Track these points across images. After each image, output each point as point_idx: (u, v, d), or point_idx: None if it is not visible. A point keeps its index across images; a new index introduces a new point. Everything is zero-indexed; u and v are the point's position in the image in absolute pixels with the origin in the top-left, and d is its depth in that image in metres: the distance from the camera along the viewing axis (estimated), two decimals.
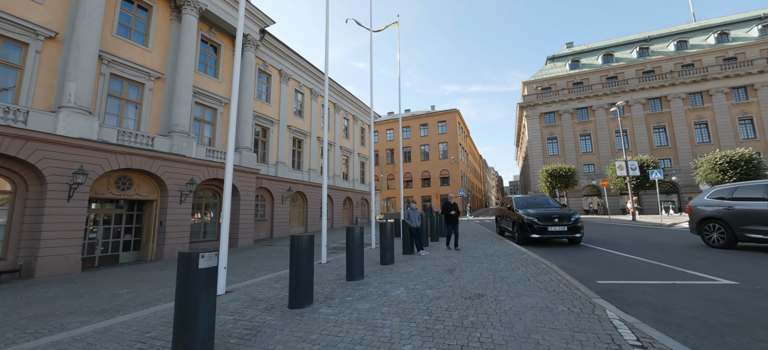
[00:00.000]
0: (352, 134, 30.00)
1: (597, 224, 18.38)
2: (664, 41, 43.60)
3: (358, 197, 29.87)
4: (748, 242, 6.99)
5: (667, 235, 11.33)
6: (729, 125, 35.92)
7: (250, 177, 16.20)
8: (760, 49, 36.54)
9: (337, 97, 27.41)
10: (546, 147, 43.15)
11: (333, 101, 26.87)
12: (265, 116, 19.28)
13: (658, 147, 38.28)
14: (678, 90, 37.89)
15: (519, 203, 10.16)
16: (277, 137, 20.32)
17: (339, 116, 27.67)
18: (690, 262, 5.83)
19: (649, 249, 7.67)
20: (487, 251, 7.89)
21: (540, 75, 46.75)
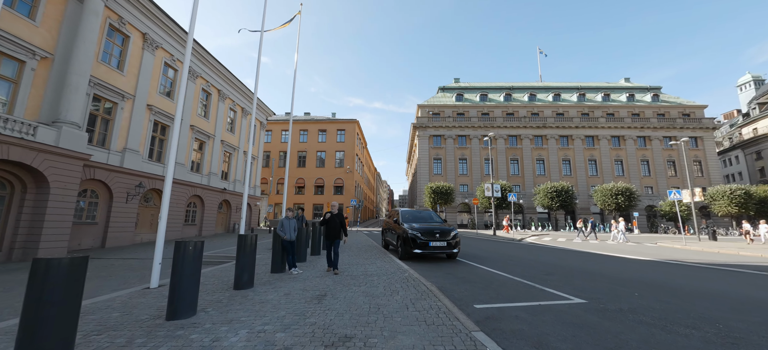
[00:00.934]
0: (239, 129, 26.17)
1: (468, 238, 20.55)
2: (522, 92, 54.46)
3: (239, 201, 26.03)
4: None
5: (519, 249, 13.13)
6: (557, 163, 46.89)
7: (73, 164, 11.68)
8: (578, 110, 49.42)
9: (222, 82, 23.49)
10: (432, 166, 47.55)
11: (218, 86, 22.87)
12: (112, 86, 14.54)
13: (513, 175, 46.91)
14: (527, 131, 47.55)
15: (405, 217, 9.96)
16: (130, 117, 15.64)
17: (223, 105, 23.71)
18: (544, 278, 6.31)
19: (511, 264, 8.34)
20: (368, 269, 7.13)
21: (432, 101, 51.71)
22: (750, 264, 9.35)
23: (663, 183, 46.31)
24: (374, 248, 11.85)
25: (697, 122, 47.60)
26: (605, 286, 5.66)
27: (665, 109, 48.88)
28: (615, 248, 15.16)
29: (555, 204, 37.87)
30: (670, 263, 9.61)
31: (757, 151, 50.61)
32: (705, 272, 7.81)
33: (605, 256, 11.37)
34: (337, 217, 6.82)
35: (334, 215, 6.85)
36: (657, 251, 13.35)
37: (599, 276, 6.73)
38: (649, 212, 45.27)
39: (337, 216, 6.83)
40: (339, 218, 6.82)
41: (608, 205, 39.43)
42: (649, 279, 6.57)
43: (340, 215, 6.87)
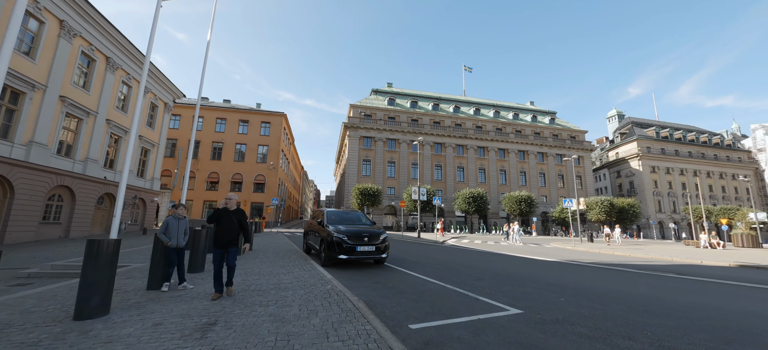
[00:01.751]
0: (133, 108, 21.46)
1: (394, 240, 20.45)
2: (448, 104, 58.15)
3: (131, 195, 21.34)
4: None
5: (444, 252, 13.29)
6: (474, 171, 51.14)
7: None
8: (494, 125, 54.85)
9: (114, 48, 18.95)
10: (361, 167, 47.15)
11: (106, 52, 18.31)
12: None
13: (436, 180, 49.51)
14: (451, 140, 50.85)
15: (330, 218, 8.95)
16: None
17: (113, 77, 19.14)
18: (475, 285, 6.04)
19: (440, 269, 8.06)
20: (282, 279, 5.92)
21: (365, 102, 51.45)
22: (625, 263, 10.94)
23: (554, 193, 54.34)
24: (294, 252, 10.50)
25: (580, 144, 57.30)
26: (532, 291, 5.60)
27: (558, 131, 57.65)
28: (523, 249, 16.62)
29: (471, 209, 41.05)
30: (571, 263, 10.64)
31: (617, 170, 63.39)
32: (600, 272, 8.69)
33: (518, 258, 12.15)
34: (234, 214, 4.95)
35: (229, 212, 4.93)
36: (556, 252, 15.01)
37: (523, 280, 6.78)
38: (543, 217, 52.57)
39: (236, 214, 4.98)
40: (238, 216, 4.97)
41: (514, 211, 44.40)
42: (565, 281, 6.86)
43: (239, 213, 5.03)
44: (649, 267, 10.11)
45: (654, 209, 57.73)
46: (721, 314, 4.44)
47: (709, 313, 4.45)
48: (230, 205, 5.08)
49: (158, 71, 23.15)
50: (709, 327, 3.75)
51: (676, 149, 61.58)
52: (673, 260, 13.00)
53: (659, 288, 6.39)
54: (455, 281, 6.44)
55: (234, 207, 5.09)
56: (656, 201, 58.44)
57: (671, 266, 10.82)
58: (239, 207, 5.14)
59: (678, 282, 7.41)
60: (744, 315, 4.41)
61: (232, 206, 5.09)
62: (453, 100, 59.58)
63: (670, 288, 6.54)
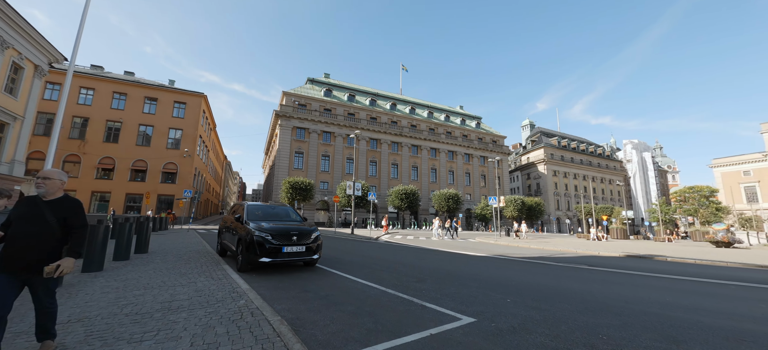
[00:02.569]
0: None
1: (327, 237, 19.30)
2: (385, 101, 58.49)
3: None
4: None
5: (379, 249, 12.75)
6: (408, 168, 52.44)
7: None
8: (427, 125, 57.00)
9: None
10: (293, 160, 44.36)
11: None
12: None
13: (371, 176, 49.38)
14: (387, 137, 51.23)
15: (252, 213, 7.54)
16: None
17: None
18: (418, 288, 5.48)
19: (378, 269, 7.37)
20: (177, 295, 4.48)
21: (300, 91, 48.47)
22: (543, 256, 11.86)
23: (477, 191, 59.05)
24: (204, 255, 8.71)
25: (500, 148, 63.30)
26: (477, 292, 5.25)
27: (483, 135, 62.80)
28: (453, 244, 17.14)
29: (404, 205, 41.91)
30: (499, 258, 11.05)
31: (528, 173, 71.97)
32: (527, 266, 9.06)
33: (452, 254, 12.25)
34: (51, 209, 2.64)
35: (39, 204, 2.62)
36: (483, 247, 15.77)
37: (465, 279, 6.49)
38: (467, 213, 56.72)
39: (55, 207, 2.66)
40: (58, 210, 2.66)
41: (442, 207, 46.78)
42: (502, 278, 6.78)
43: (63, 206, 2.70)
44: (564, 259, 11.05)
45: (554, 207, 66.95)
46: (651, 308, 4.59)
47: (642, 307, 4.57)
48: (43, 189, 2.67)
49: (25, 22, 17.77)
50: (652, 325, 3.73)
51: (572, 156, 72.39)
52: (578, 252, 14.70)
53: (584, 281, 6.71)
54: (396, 284, 5.79)
55: (53, 193, 2.72)
56: (556, 200, 67.84)
57: (580, 258, 12.03)
58: (68, 196, 2.80)
59: (594, 273, 8.01)
60: (671, 308, 4.63)
61: (52, 191, 2.71)
62: (390, 97, 60.20)
63: (594, 280, 6.93)
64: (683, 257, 13.10)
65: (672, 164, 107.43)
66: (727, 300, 5.30)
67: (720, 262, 11.70)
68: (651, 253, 14.39)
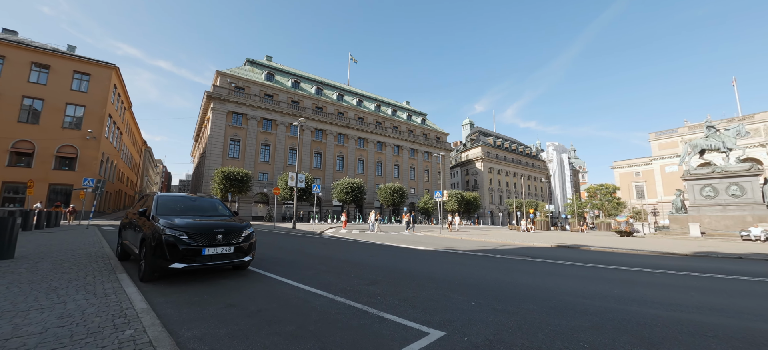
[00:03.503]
0: None
1: (265, 232, 17.57)
2: (332, 90, 56.44)
3: None
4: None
5: (324, 245, 11.76)
6: (353, 161, 51.50)
7: None
8: (375, 118, 56.51)
9: None
10: (228, 147, 40.30)
11: None
12: None
13: (315, 168, 47.37)
14: (333, 128, 49.56)
15: (164, 207, 6.03)
16: None
17: None
18: (372, 292, 4.75)
19: (324, 270, 6.46)
20: (19, 325, 3.04)
21: (238, 73, 44.07)
22: (487, 249, 12.12)
23: (421, 186, 60.72)
24: (97, 259, 6.83)
25: (443, 144, 65.86)
26: (437, 295, 4.71)
27: (428, 131, 64.61)
28: (400, 239, 16.87)
29: (349, 198, 41.01)
30: (448, 252, 10.93)
31: (467, 169, 76.36)
32: (478, 260, 8.98)
33: (402, 249, 11.83)
34: None
35: None
36: (430, 241, 15.76)
37: (421, 279, 5.95)
38: (410, 207, 57.98)
39: None
40: None
41: (387, 201, 46.97)
42: (459, 276, 6.42)
43: None
44: (508, 251, 11.37)
45: (488, 202, 72.12)
46: (609, 303, 4.58)
47: (602, 303, 4.49)
48: None
49: None
50: (621, 325, 3.58)
51: (505, 155, 78.63)
52: (516, 243, 15.52)
53: (535, 275, 6.69)
54: (347, 288, 4.97)
55: None
56: (490, 195, 73.12)
57: (521, 249, 12.56)
58: None
59: (539, 265, 8.16)
60: (625, 302, 4.64)
61: None
62: (338, 87, 58.36)
63: (542, 273, 6.96)
64: (601, 246, 14.59)
65: (582, 165, 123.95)
66: (664, 289, 5.58)
67: (629, 250, 13.21)
68: (576, 243, 15.81)
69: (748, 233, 19.59)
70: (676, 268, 8.21)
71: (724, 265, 8.97)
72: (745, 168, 23.40)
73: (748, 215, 21.99)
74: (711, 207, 24.13)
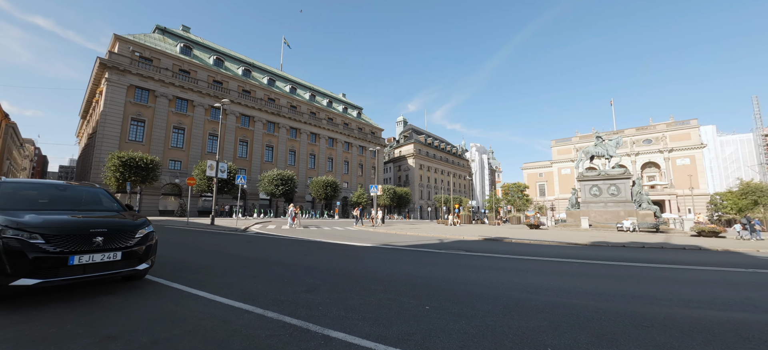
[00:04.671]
0: None
1: (176, 230, 14.96)
2: (262, 74, 51.94)
3: None
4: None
5: (250, 244, 10.37)
6: (284, 152, 48.44)
7: None
8: (309, 108, 53.87)
9: None
10: (128, 128, 33.90)
11: None
12: None
13: (240, 158, 43.12)
14: (262, 115, 45.71)
15: (5, 197, 4.31)
16: None
17: None
18: (310, 302, 4.01)
19: (249, 276, 5.42)
20: None
21: (144, 40, 37.22)
22: (423, 243, 12.23)
23: (355, 180, 60.35)
24: None
25: (378, 140, 66.45)
26: (387, 300, 4.20)
27: (363, 125, 64.40)
28: (333, 234, 16.11)
29: (279, 191, 38.40)
30: (388, 248, 10.64)
31: (399, 165, 78.63)
32: (420, 256, 8.83)
33: (338, 246, 11.14)
34: None
35: None
36: (365, 235, 15.36)
37: (366, 281, 5.39)
38: (343, 201, 57.19)
39: None
40: None
41: (320, 195, 45.42)
42: (404, 275, 6.05)
43: None
44: (443, 245, 11.59)
45: (418, 197, 75.45)
46: (553, 296, 4.69)
47: (549, 298, 4.56)
48: None
49: None
50: (576, 322, 3.60)
51: (434, 153, 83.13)
52: (447, 236, 16.14)
53: (477, 269, 6.71)
54: (279, 298, 4.12)
55: None
56: (420, 191, 76.60)
57: (454, 243, 12.97)
58: None
59: (477, 259, 8.35)
60: (567, 294, 4.77)
61: None
62: (269, 71, 54.05)
63: (483, 267, 7.04)
64: (520, 238, 16.08)
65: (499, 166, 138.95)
66: (588, 279, 6.04)
67: (542, 241, 14.80)
68: (499, 236, 17.16)
69: (621, 225, 23.92)
70: (586, 257, 9.27)
71: (619, 253, 10.50)
72: (620, 172, 28.60)
73: (621, 211, 26.92)
74: (597, 204, 28.92)
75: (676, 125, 57.37)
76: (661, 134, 58.26)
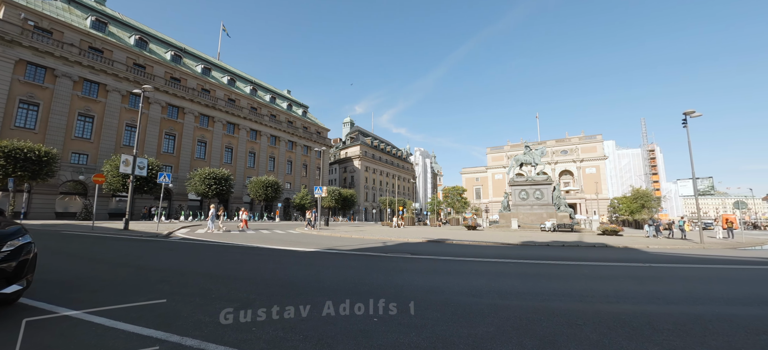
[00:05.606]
0: None
1: (76, 237, 12.48)
2: (195, 61, 47.01)
3: None
4: None
5: (172, 253, 9.06)
6: (220, 148, 44.51)
7: None
8: (249, 103, 50.28)
9: None
10: (14, 112, 27.86)
11: None
12: None
13: (165, 153, 38.40)
14: (194, 107, 41.35)
15: None
16: None
17: None
18: (246, 327, 3.49)
19: (173, 292, 4.60)
20: None
21: (42, 7, 30.92)
22: (370, 247, 12.08)
23: (298, 181, 58.07)
24: None
25: (324, 140, 64.92)
26: (330, 311, 3.86)
27: (309, 124, 62.34)
28: (272, 239, 15.09)
29: (212, 191, 35.05)
30: (333, 253, 10.21)
31: (345, 167, 77.85)
32: (366, 261, 8.60)
33: (277, 252, 10.37)
34: None
35: None
36: (307, 239, 14.65)
37: (312, 291, 4.96)
38: (285, 203, 54.66)
39: None
40: None
41: (259, 196, 42.69)
42: (351, 282, 5.74)
43: None
44: (389, 249, 11.54)
45: (363, 199, 75.53)
46: (495, 299, 4.82)
47: (491, 300, 4.67)
48: None
49: None
50: (519, 324, 3.69)
51: (380, 156, 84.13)
52: (392, 239, 16.23)
53: (423, 273, 6.71)
54: (202, 320, 3.51)
55: None
56: (365, 193, 76.79)
57: (399, 245, 13.03)
58: None
59: (421, 262, 8.42)
60: (508, 296, 4.93)
61: None
62: (204, 59, 49.27)
63: (429, 271, 7.08)
64: (460, 239, 16.88)
65: (440, 170, 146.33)
66: (525, 279, 6.41)
67: (480, 242, 15.73)
68: (441, 237, 17.81)
69: (544, 225, 26.72)
70: (519, 256, 9.99)
71: (545, 252, 11.56)
72: (544, 179, 32.00)
73: (544, 213, 30.08)
74: (524, 206, 31.92)
75: (586, 139, 66.52)
76: (575, 146, 67.02)
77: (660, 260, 10.05)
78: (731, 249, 14.72)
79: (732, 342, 3.20)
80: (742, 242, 18.32)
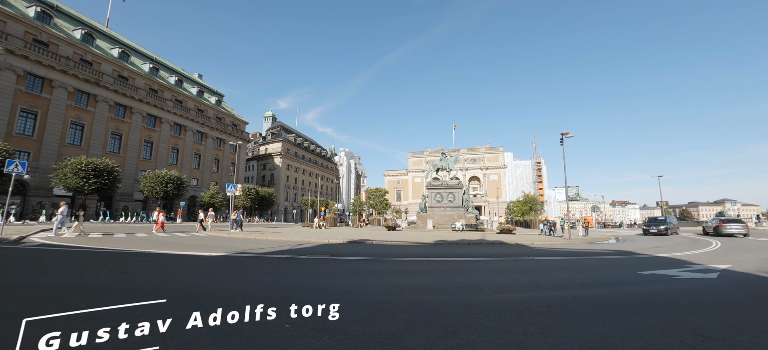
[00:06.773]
0: None
1: None
2: (72, 24, 38.10)
3: None
4: None
5: (22, 265, 7.08)
6: (103, 133, 37.01)
7: None
8: (147, 83, 42.96)
9: None
10: None
11: None
12: None
13: (23, 135, 30.21)
14: (67, 80, 33.50)
15: None
16: None
17: None
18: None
19: (16, 327, 3.58)
20: None
21: None
22: (294, 248, 11.54)
23: (208, 177, 52.14)
24: None
25: (240, 133, 59.66)
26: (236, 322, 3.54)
27: (223, 115, 56.47)
28: (175, 242, 13.20)
29: (89, 186, 28.91)
30: (245, 256, 9.42)
31: (264, 164, 72.95)
32: (285, 264, 8.17)
33: (181, 258, 9.09)
34: None
35: None
36: (217, 242, 13.23)
37: (208, 300, 4.46)
38: (191, 201, 48.47)
39: None
40: None
41: (156, 192, 36.95)
42: (263, 287, 5.36)
43: None
44: (308, 250, 11.19)
45: (284, 198, 71.96)
46: (408, 296, 4.99)
47: (405, 297, 4.87)
48: None
49: None
50: (428, 318, 3.92)
51: (303, 154, 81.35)
52: (312, 240, 15.80)
53: (341, 275, 6.68)
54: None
55: None
56: (286, 192, 73.27)
57: (318, 247, 12.75)
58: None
59: (340, 263, 8.39)
60: (418, 292, 5.19)
61: None
62: (85, 23, 40.41)
63: (349, 272, 7.08)
64: (380, 239, 17.42)
65: (364, 171, 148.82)
66: (436, 276, 6.93)
67: (399, 241, 16.51)
68: (361, 238, 18.07)
69: (455, 225, 29.48)
70: (432, 255, 10.79)
71: (454, 249, 12.73)
72: (457, 183, 35.31)
73: (455, 214, 33.17)
74: (439, 208, 34.67)
75: (491, 149, 75.96)
76: (482, 155, 75.87)
77: (541, 254, 12.04)
78: (589, 243, 18.55)
79: (586, 317, 4.02)
80: (596, 238, 23.25)
